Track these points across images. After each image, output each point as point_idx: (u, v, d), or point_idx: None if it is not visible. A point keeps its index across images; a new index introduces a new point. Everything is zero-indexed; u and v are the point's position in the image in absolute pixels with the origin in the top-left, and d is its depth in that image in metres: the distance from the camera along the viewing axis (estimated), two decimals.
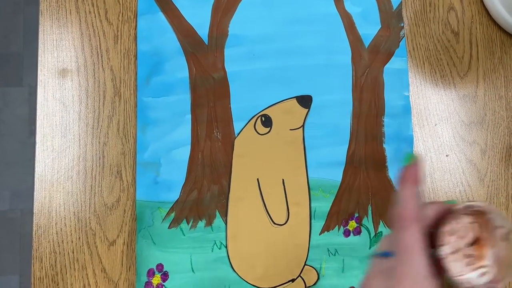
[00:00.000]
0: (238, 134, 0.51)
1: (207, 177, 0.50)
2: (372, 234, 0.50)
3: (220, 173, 0.50)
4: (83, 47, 0.52)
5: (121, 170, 0.50)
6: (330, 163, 0.51)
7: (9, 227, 1.30)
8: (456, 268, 0.30)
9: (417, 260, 0.30)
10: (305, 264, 0.50)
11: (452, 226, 0.31)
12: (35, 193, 0.49)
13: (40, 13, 0.53)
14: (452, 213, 0.31)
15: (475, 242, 0.32)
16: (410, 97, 0.53)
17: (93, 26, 0.52)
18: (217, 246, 0.49)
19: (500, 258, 0.31)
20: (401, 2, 0.55)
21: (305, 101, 0.52)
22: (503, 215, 0.33)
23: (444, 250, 0.30)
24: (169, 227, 0.49)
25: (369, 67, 0.53)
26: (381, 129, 0.52)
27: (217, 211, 0.49)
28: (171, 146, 0.50)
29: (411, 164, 0.34)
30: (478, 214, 0.32)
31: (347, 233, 0.50)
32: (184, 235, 0.49)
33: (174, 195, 0.49)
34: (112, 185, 0.50)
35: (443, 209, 0.33)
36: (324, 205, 0.51)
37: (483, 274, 0.31)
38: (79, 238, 0.48)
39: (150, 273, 0.48)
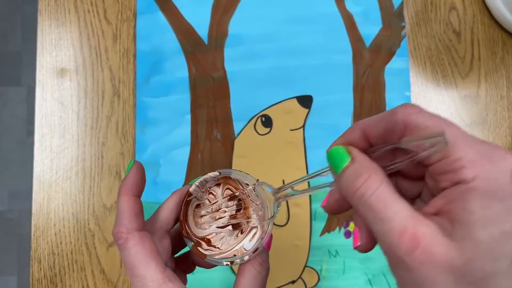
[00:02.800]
0: (238, 134, 0.50)
1: None
2: None
3: None
4: (82, 47, 0.52)
5: (120, 171, 0.50)
6: None
7: (7, 228, 1.30)
8: (228, 240, 0.30)
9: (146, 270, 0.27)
10: (305, 266, 0.49)
11: (202, 204, 0.30)
12: (33, 193, 0.49)
13: (38, 12, 0.52)
14: (190, 193, 0.30)
15: (236, 209, 0.31)
16: (411, 97, 0.53)
17: (92, 26, 0.52)
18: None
19: (259, 214, 0.31)
20: (402, 1, 0.55)
21: (305, 101, 0.52)
22: (243, 173, 0.31)
23: (200, 232, 0.29)
24: None
25: (370, 67, 0.52)
26: None
27: None
28: (171, 146, 0.50)
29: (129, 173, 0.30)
30: (225, 181, 0.31)
31: (347, 235, 0.50)
32: None
33: None
34: (111, 186, 0.49)
35: (181, 194, 0.31)
36: None
37: (255, 236, 0.30)
38: (78, 239, 0.48)
39: None
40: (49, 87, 0.51)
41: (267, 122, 0.51)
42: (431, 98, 0.54)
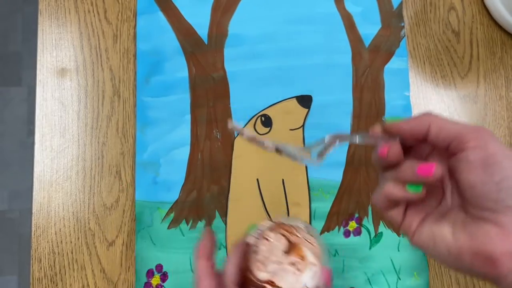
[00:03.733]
0: (238, 134, 0.51)
1: (206, 177, 0.50)
2: (372, 235, 0.50)
3: (220, 174, 0.50)
4: (82, 47, 0.52)
5: (120, 170, 0.50)
6: (330, 163, 0.51)
7: (8, 227, 1.30)
8: (289, 279, 0.31)
9: None
10: None
11: (260, 250, 0.33)
12: (34, 193, 0.49)
13: (39, 13, 0.52)
14: (248, 243, 0.33)
15: (291, 250, 0.33)
16: (410, 97, 0.53)
17: (92, 26, 0.52)
18: (216, 246, 0.49)
19: (314, 252, 0.33)
20: (402, 1, 0.55)
21: (305, 101, 0.52)
22: (293, 218, 0.36)
23: (263, 276, 0.31)
24: (168, 228, 0.48)
25: (369, 67, 0.53)
26: None
27: (216, 211, 0.49)
28: (171, 146, 0.50)
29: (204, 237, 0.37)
30: (278, 227, 0.34)
31: (347, 234, 0.50)
32: (184, 236, 0.48)
33: (173, 195, 0.49)
34: (111, 185, 0.49)
35: (241, 247, 0.34)
36: (324, 206, 0.50)
37: (314, 273, 0.32)
38: (78, 238, 0.48)
39: (150, 274, 0.47)
40: (50, 87, 0.51)
41: (267, 121, 0.51)
42: (430, 98, 0.54)
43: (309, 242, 0.33)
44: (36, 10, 0.53)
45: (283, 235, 0.33)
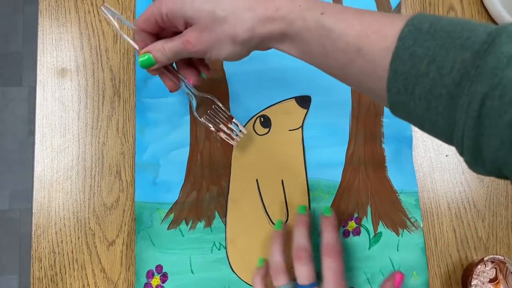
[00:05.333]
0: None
1: (206, 178, 0.50)
2: (372, 235, 0.50)
3: (219, 174, 0.50)
4: (83, 47, 0.52)
5: (120, 170, 0.50)
6: (329, 163, 0.51)
7: (8, 227, 1.30)
8: None
9: (340, 283, 0.41)
10: None
11: (480, 269, 0.47)
12: (34, 193, 0.49)
13: (39, 13, 0.52)
14: (480, 261, 0.47)
15: (494, 280, 0.47)
16: None
17: (92, 26, 0.52)
18: (216, 247, 0.49)
19: None
20: (400, 1, 0.55)
21: (304, 101, 0.52)
22: None
23: (474, 283, 0.46)
24: (168, 228, 0.49)
25: None
26: (380, 130, 0.52)
27: (216, 212, 0.49)
28: (170, 147, 0.50)
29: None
30: (498, 262, 0.47)
31: (346, 234, 0.50)
32: (183, 236, 0.49)
33: (173, 196, 0.49)
34: (111, 185, 0.50)
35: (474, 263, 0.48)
36: (323, 206, 0.50)
37: None
38: (79, 238, 0.48)
39: (150, 274, 0.48)
40: (50, 87, 0.51)
41: (266, 122, 0.51)
42: None
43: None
44: (36, 10, 0.53)
45: (496, 269, 0.47)
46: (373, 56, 0.30)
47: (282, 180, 0.51)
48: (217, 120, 0.46)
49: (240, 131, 0.46)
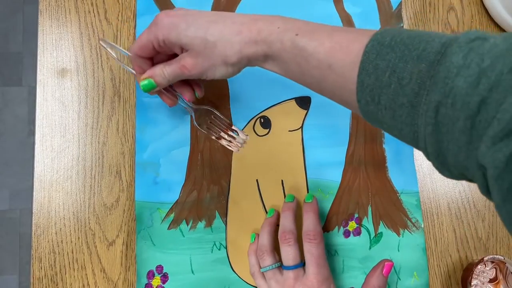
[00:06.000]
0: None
1: (206, 178, 0.50)
2: (372, 235, 0.50)
3: (220, 174, 0.50)
4: (83, 47, 0.52)
5: (120, 170, 0.50)
6: (329, 163, 0.51)
7: (9, 227, 1.30)
8: None
9: (322, 265, 0.42)
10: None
11: (480, 269, 0.47)
12: (34, 193, 0.49)
13: (39, 13, 0.52)
14: (480, 261, 0.47)
15: (494, 280, 0.47)
16: None
17: (92, 26, 0.52)
18: (216, 247, 0.49)
19: None
20: (401, 2, 0.55)
21: (304, 102, 0.52)
22: None
23: (474, 283, 0.47)
24: (168, 228, 0.49)
25: None
26: (381, 130, 0.52)
27: (216, 212, 0.49)
28: (171, 146, 0.50)
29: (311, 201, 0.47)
30: (498, 262, 0.47)
31: (347, 234, 0.50)
32: (184, 236, 0.48)
33: (173, 195, 0.49)
34: (111, 185, 0.50)
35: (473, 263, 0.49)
36: (323, 206, 0.51)
37: None
38: (79, 238, 0.48)
39: (150, 275, 0.48)
40: (50, 87, 0.51)
41: (266, 123, 0.51)
42: None
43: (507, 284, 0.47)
44: (36, 10, 0.53)
45: (497, 269, 0.47)
46: (342, 70, 0.32)
47: (282, 181, 0.51)
48: (218, 129, 0.47)
49: (244, 140, 0.47)
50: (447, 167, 0.28)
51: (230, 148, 0.47)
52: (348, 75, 0.32)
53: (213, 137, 0.47)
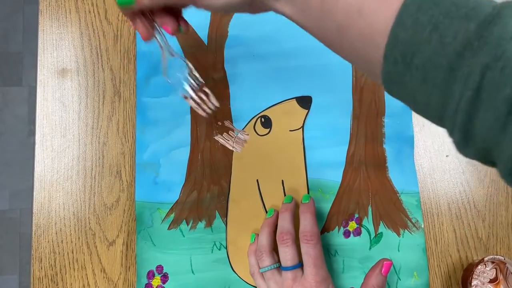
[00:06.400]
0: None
1: (207, 178, 0.50)
2: (372, 235, 0.50)
3: (220, 174, 0.50)
4: (83, 47, 0.52)
5: (120, 170, 0.50)
6: (330, 163, 0.51)
7: (9, 227, 1.30)
8: None
9: (319, 266, 0.42)
10: None
11: (480, 269, 0.47)
12: (34, 193, 0.49)
13: (39, 13, 0.52)
14: (480, 261, 0.47)
15: (494, 280, 0.47)
16: None
17: (92, 26, 0.52)
18: (216, 247, 0.49)
19: None
20: None
21: (304, 102, 0.52)
22: None
23: (474, 284, 0.47)
24: (168, 228, 0.49)
25: None
26: (381, 130, 0.52)
27: (217, 212, 0.49)
28: (171, 146, 0.50)
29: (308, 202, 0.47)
30: (499, 262, 0.47)
31: (347, 234, 0.50)
32: (184, 236, 0.48)
33: (173, 195, 0.49)
34: (111, 185, 0.50)
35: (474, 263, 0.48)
36: (323, 206, 0.51)
37: None
38: (79, 238, 0.48)
39: (150, 275, 0.48)
40: (50, 87, 0.51)
41: (267, 123, 0.51)
42: None
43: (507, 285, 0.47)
44: (36, 10, 0.53)
45: (497, 269, 0.47)
46: (373, 18, 0.28)
47: (282, 181, 0.51)
48: (189, 87, 0.42)
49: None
50: (472, 141, 0.26)
51: (197, 111, 0.41)
52: (379, 25, 0.28)
53: (181, 95, 0.41)
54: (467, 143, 0.26)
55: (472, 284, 0.46)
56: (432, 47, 0.26)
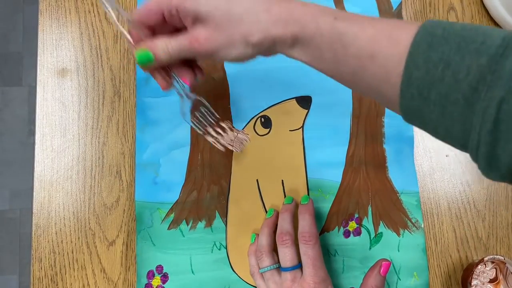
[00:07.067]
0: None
1: (206, 178, 0.50)
2: (372, 235, 0.50)
3: (220, 174, 0.50)
4: (83, 47, 0.52)
5: (120, 170, 0.50)
6: (329, 163, 0.51)
7: (9, 227, 1.30)
8: None
9: (318, 267, 0.42)
10: None
11: (480, 269, 0.47)
12: (34, 193, 0.49)
13: (39, 13, 0.52)
14: (480, 261, 0.46)
15: (494, 280, 0.47)
16: None
17: (92, 26, 0.52)
18: (216, 247, 0.49)
19: None
20: (401, 2, 0.55)
21: (304, 101, 0.52)
22: None
23: (474, 283, 0.46)
24: (168, 228, 0.49)
25: None
26: (381, 130, 0.52)
27: (216, 212, 0.49)
28: (171, 146, 0.50)
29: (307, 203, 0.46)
30: (499, 262, 0.47)
31: (347, 234, 0.50)
32: (184, 236, 0.48)
33: (173, 195, 0.49)
34: (111, 185, 0.50)
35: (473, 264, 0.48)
36: (323, 206, 0.51)
37: None
38: (79, 238, 0.48)
39: (150, 275, 0.48)
40: (50, 87, 0.51)
41: (267, 122, 0.51)
42: None
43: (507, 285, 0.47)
44: (36, 10, 0.53)
45: (497, 269, 0.47)
46: (386, 61, 0.29)
47: (282, 181, 0.51)
48: (205, 123, 0.44)
49: (232, 139, 0.45)
50: (497, 167, 0.27)
51: (216, 146, 0.44)
52: (391, 67, 0.29)
53: (199, 132, 0.44)
54: (492, 169, 0.27)
55: (472, 284, 0.46)
56: (446, 84, 0.26)
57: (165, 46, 0.35)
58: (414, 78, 0.28)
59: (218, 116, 0.44)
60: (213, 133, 0.44)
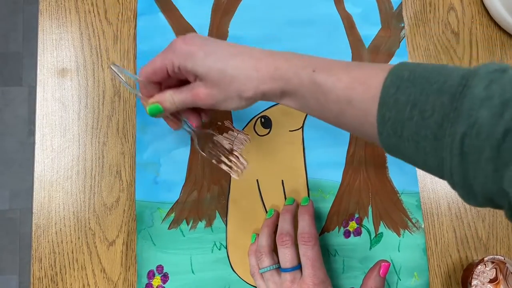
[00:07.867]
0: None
1: (207, 178, 0.50)
2: (373, 235, 0.50)
3: (220, 174, 0.50)
4: (83, 47, 0.52)
5: (120, 170, 0.50)
6: (329, 164, 0.51)
7: (9, 227, 1.30)
8: None
9: (318, 268, 0.42)
10: None
11: (480, 269, 0.47)
12: (34, 193, 0.49)
13: (39, 13, 0.52)
14: (480, 261, 0.47)
15: (494, 280, 0.47)
16: None
17: (92, 26, 0.52)
18: (217, 247, 0.49)
19: None
20: (401, 2, 0.55)
21: None
22: None
23: (474, 284, 0.47)
24: (169, 228, 0.49)
25: None
26: None
27: (217, 211, 0.49)
28: (171, 146, 0.50)
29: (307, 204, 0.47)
30: (499, 262, 0.47)
31: (347, 234, 0.50)
32: (184, 236, 0.48)
33: (174, 195, 0.49)
34: (111, 185, 0.49)
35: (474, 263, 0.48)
36: (323, 206, 0.51)
37: None
38: (79, 238, 0.48)
39: (150, 275, 0.48)
40: (50, 87, 0.51)
41: (267, 123, 0.51)
42: None
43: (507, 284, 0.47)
44: (36, 10, 0.53)
45: (497, 269, 0.47)
46: (362, 105, 0.33)
47: (282, 181, 0.51)
48: (218, 153, 0.47)
49: (244, 166, 0.47)
50: (473, 195, 0.29)
51: (230, 173, 0.46)
52: (368, 109, 0.32)
53: (214, 161, 0.46)
54: (470, 196, 0.29)
55: (472, 284, 0.46)
56: (415, 122, 0.29)
57: (171, 99, 0.40)
58: (387, 118, 0.31)
59: (230, 145, 0.47)
60: (226, 161, 0.46)
